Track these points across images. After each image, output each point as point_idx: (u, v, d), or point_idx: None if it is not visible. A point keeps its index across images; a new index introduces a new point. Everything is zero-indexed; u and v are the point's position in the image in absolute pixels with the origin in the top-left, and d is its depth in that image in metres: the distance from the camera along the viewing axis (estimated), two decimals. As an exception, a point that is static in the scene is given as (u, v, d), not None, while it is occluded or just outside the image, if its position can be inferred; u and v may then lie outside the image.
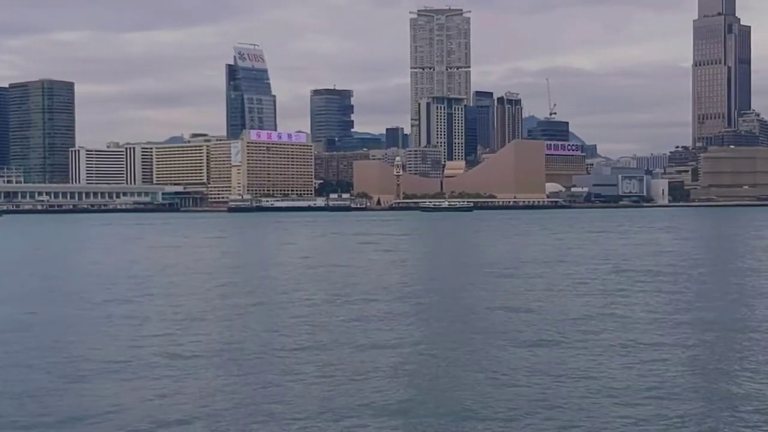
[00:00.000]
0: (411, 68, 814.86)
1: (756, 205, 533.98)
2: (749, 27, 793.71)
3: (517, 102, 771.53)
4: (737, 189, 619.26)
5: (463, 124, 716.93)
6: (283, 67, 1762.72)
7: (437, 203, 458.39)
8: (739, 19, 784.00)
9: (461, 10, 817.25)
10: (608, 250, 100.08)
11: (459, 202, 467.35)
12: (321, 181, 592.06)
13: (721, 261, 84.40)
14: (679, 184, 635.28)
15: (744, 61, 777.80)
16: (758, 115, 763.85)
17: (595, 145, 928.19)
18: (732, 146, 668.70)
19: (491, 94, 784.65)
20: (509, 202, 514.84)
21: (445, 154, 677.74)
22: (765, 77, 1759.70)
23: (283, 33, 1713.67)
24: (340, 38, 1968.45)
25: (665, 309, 45.21)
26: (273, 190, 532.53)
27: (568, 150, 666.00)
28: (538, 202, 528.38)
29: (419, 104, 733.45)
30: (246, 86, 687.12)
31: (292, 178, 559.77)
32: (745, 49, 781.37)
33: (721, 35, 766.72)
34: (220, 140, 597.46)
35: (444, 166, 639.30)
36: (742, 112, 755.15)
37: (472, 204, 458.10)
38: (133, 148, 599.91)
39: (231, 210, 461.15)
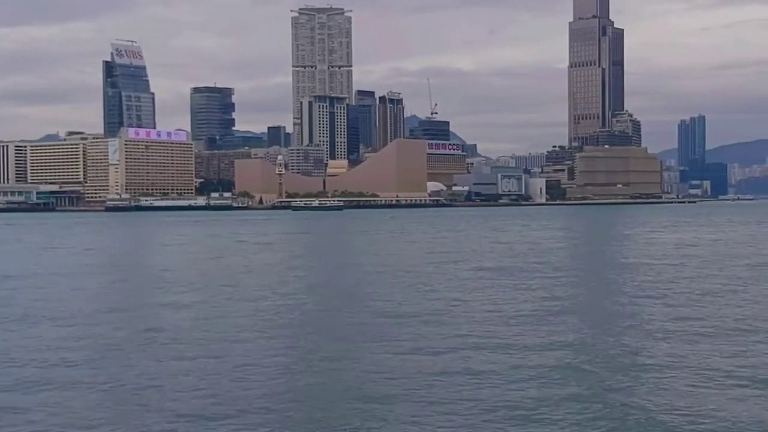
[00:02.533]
0: (293, 67, 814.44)
1: (629, 203, 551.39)
2: (622, 30, 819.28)
3: (399, 101, 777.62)
4: (611, 187, 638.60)
5: (345, 123, 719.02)
6: (163, 65, 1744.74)
7: (308, 202, 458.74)
8: (612, 22, 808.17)
9: (342, 9, 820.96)
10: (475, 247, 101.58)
11: (330, 201, 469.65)
12: (202, 180, 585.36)
13: (579, 258, 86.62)
14: (556, 182, 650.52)
15: (617, 62, 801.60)
16: (631, 115, 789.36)
17: (476, 145, 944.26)
18: (606, 146, 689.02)
19: (373, 93, 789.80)
20: (392, 201, 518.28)
21: (328, 153, 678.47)
22: (637, 79, 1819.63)
23: (162, 30, 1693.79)
24: (221, 35, 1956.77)
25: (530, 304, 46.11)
26: (152, 189, 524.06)
27: (449, 149, 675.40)
28: (420, 200, 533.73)
29: (301, 103, 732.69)
30: (124, 83, 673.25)
31: (172, 176, 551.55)
32: (618, 51, 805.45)
33: (596, 37, 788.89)
34: (98, 138, 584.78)
35: (327, 165, 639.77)
36: (615, 113, 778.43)
37: (342, 203, 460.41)
38: (6, 146, 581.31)
39: (109, 209, 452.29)
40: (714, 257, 79.99)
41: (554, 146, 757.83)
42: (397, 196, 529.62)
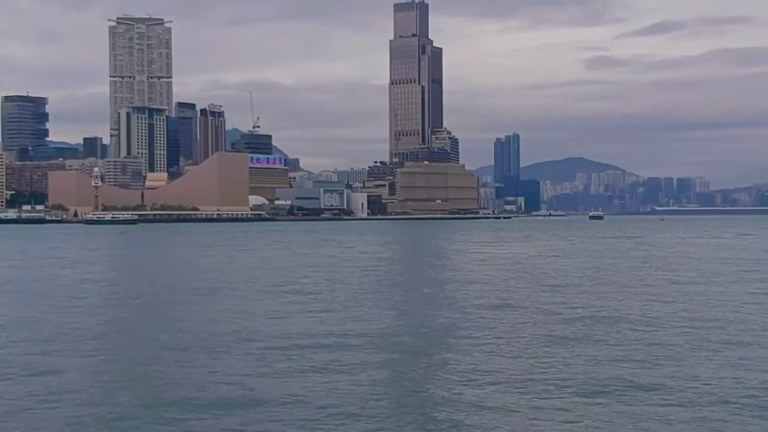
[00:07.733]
0: (110, 77, 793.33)
1: (448, 218, 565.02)
2: (441, 49, 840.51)
3: (221, 114, 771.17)
4: (431, 203, 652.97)
5: (164, 135, 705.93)
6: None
7: (101, 216, 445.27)
8: (432, 41, 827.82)
9: (162, 19, 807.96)
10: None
11: (123, 214, 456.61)
12: (13, 192, 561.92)
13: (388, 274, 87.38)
14: (378, 197, 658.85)
15: (436, 80, 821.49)
16: (450, 132, 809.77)
17: (298, 159, 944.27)
18: (426, 162, 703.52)
19: (194, 105, 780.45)
20: (213, 214, 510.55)
21: (147, 165, 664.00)
22: (455, 97, 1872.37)
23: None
24: (33, 44, 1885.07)
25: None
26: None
27: (272, 163, 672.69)
28: (242, 214, 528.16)
29: (119, 114, 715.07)
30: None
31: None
32: (438, 69, 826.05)
33: (416, 56, 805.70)
34: None
35: (145, 177, 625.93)
36: (435, 130, 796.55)
37: (137, 216, 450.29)
38: None
39: None
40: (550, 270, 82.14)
41: (376, 162, 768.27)
42: (218, 210, 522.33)
